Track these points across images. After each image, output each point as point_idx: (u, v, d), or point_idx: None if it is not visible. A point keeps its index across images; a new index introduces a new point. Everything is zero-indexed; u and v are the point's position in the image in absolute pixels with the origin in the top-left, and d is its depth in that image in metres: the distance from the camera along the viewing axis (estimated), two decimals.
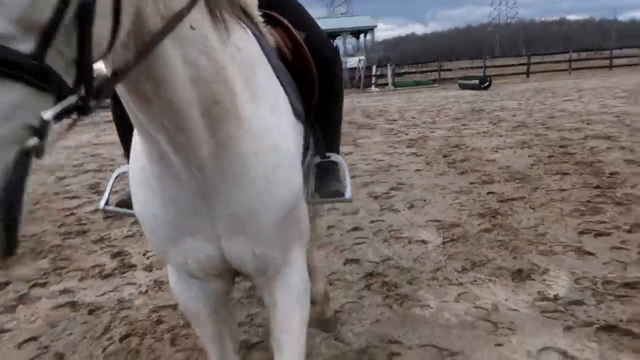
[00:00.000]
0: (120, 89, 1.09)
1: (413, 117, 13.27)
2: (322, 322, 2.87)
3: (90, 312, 3.35)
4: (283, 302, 1.56)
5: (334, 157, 1.89)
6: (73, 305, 3.48)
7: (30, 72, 0.69)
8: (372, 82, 27.70)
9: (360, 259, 3.89)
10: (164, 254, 1.53)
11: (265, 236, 1.41)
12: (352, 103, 18.62)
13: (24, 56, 0.68)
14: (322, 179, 1.87)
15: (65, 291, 3.73)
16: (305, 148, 1.67)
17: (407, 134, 10.29)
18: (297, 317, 1.58)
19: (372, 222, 4.80)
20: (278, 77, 1.49)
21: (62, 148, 10.50)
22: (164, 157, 1.27)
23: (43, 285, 3.86)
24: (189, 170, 1.27)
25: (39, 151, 0.72)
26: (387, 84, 27.11)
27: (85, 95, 0.79)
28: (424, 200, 5.38)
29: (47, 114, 0.71)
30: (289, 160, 1.42)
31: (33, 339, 3.05)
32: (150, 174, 1.36)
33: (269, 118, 1.38)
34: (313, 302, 2.90)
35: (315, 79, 1.73)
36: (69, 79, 0.76)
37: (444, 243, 4.11)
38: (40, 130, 0.71)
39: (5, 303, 3.58)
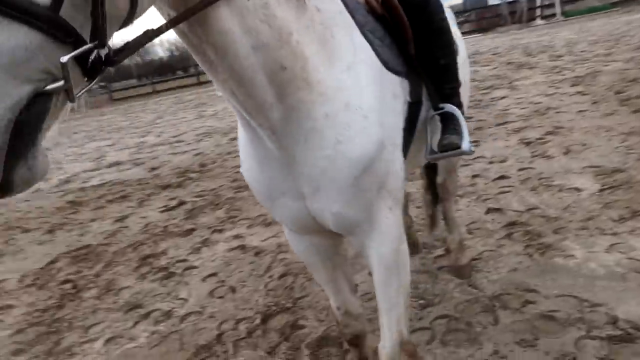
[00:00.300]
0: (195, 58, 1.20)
1: (583, 51, 11.77)
2: (456, 269, 2.98)
3: (256, 254, 3.93)
4: (376, 271, 1.58)
5: (447, 107, 1.76)
6: (243, 248, 4.10)
7: (45, 21, 0.74)
8: (537, 14, 24.89)
9: (504, 208, 3.82)
10: (269, 212, 1.64)
11: (340, 195, 1.41)
12: (512, 41, 17.11)
13: (41, 6, 0.73)
14: (440, 132, 1.78)
15: (237, 236, 4.40)
16: (416, 103, 1.66)
17: (574, 71, 9.24)
18: (393, 285, 1.58)
19: (520, 170, 4.61)
20: (364, 33, 1.48)
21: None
22: (249, 122, 1.37)
23: (220, 231, 4.60)
24: (265, 134, 1.35)
25: (65, 94, 0.80)
26: (554, 15, 24.13)
27: (98, 45, 0.83)
28: (584, 145, 4.93)
29: (64, 58, 0.77)
30: (363, 117, 1.38)
31: (214, 274, 3.71)
32: (245, 139, 1.50)
33: (343, 77, 1.37)
34: (447, 250, 3.04)
35: (407, 26, 1.64)
36: (86, 32, 0.82)
37: (601, 190, 3.80)
38: (59, 75, 0.77)
39: (193, 245, 4.37)
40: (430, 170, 3.06)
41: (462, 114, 1.79)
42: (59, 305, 3.71)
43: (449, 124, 1.74)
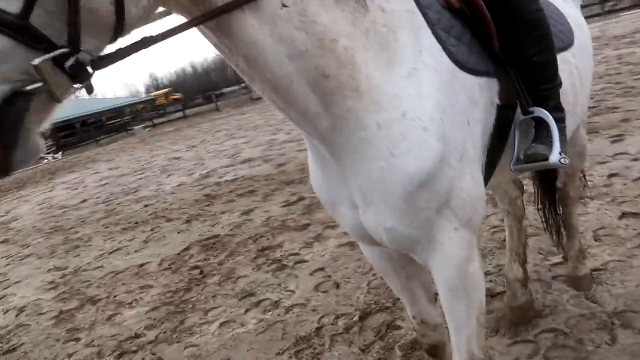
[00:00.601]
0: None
1: None
2: (573, 280, 2.69)
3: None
4: (440, 292, 1.47)
5: (537, 111, 1.52)
6: (351, 245, 4.16)
7: (14, 28, 0.82)
8: None
9: None
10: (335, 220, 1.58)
11: (393, 210, 1.31)
12: None
13: (10, 15, 0.82)
14: (529, 140, 1.56)
15: (347, 233, 4.47)
16: (508, 105, 1.50)
17: None
18: (461, 306, 1.46)
19: None
20: (436, 33, 1.36)
21: None
22: None
23: (332, 227, 4.72)
24: (317, 142, 1.31)
25: (49, 94, 0.90)
26: None
27: (73, 51, 0.90)
28: None
29: (35, 61, 0.85)
30: (421, 129, 1.27)
31: (321, 269, 3.84)
32: (309, 146, 1.47)
33: (401, 84, 1.27)
34: (565, 257, 2.75)
35: (488, 20, 1.45)
36: (62, 38, 0.89)
37: None
38: (35, 77, 0.87)
39: (306, 239, 4.56)
40: (545, 173, 2.69)
41: (562, 119, 1.58)
42: (187, 288, 4.14)
43: (541, 130, 1.53)
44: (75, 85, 0.94)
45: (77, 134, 34.24)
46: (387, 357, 2.56)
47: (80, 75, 0.93)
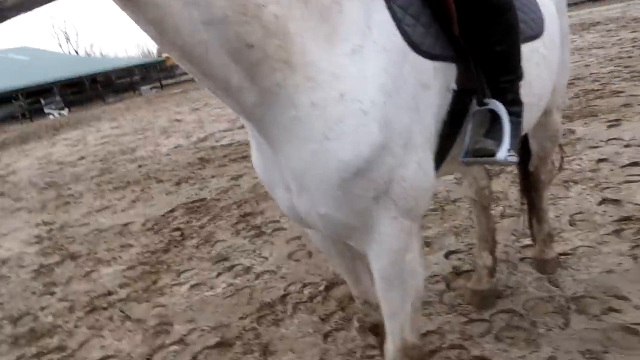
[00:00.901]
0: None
1: None
2: (539, 263, 2.66)
3: None
4: (376, 279, 1.42)
5: (492, 104, 1.43)
6: None
7: None
8: None
9: (622, 200, 3.28)
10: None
11: (327, 196, 1.23)
12: None
13: None
14: (480, 132, 1.46)
15: None
16: (465, 91, 1.41)
17: None
18: (395, 294, 1.42)
19: None
20: (391, 9, 1.26)
21: None
22: None
23: None
24: (243, 120, 1.24)
25: None
26: None
27: None
28: None
29: None
30: (361, 113, 1.17)
31: (297, 238, 3.83)
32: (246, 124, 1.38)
33: (343, 62, 1.17)
34: (534, 240, 2.72)
35: (448, 1, 1.35)
36: None
37: None
38: None
39: None
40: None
41: (519, 113, 1.48)
42: (165, 249, 4.17)
43: (495, 124, 1.44)
44: None
45: (85, 92, 34.15)
46: (344, 327, 2.57)
47: None
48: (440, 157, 1.45)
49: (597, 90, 6.30)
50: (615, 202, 3.29)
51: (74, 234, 5.10)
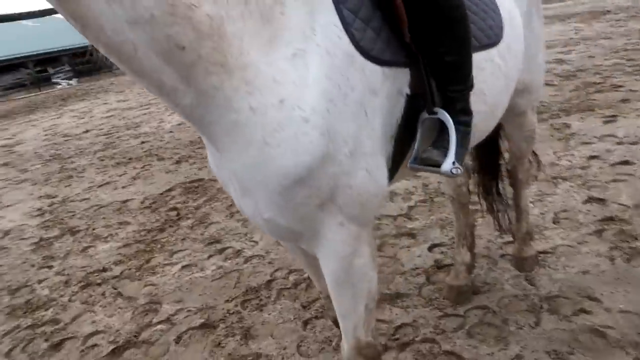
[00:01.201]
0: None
1: None
2: (517, 260, 2.71)
3: None
4: (327, 282, 1.42)
5: (440, 114, 1.41)
6: None
7: None
8: None
9: (608, 199, 3.32)
10: None
11: (270, 202, 1.23)
12: None
13: None
14: (428, 141, 1.45)
15: None
16: (416, 96, 1.39)
17: None
18: (346, 295, 1.42)
19: None
20: (340, 12, 1.22)
21: None
22: None
23: None
24: (183, 119, 1.24)
25: None
26: None
27: None
28: None
29: None
30: (302, 120, 1.14)
31: None
32: None
33: (283, 66, 1.14)
34: (514, 237, 2.77)
35: (398, 5, 1.31)
36: None
37: None
38: None
39: None
40: (487, 151, 2.58)
41: (468, 123, 1.46)
42: (161, 228, 4.27)
43: (443, 134, 1.42)
44: None
45: (94, 62, 34.06)
46: (324, 315, 2.65)
47: None
48: (397, 160, 1.44)
49: (598, 83, 6.25)
50: (601, 201, 3.33)
51: (75, 209, 5.22)
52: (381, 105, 1.30)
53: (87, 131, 10.08)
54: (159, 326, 2.83)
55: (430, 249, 3.15)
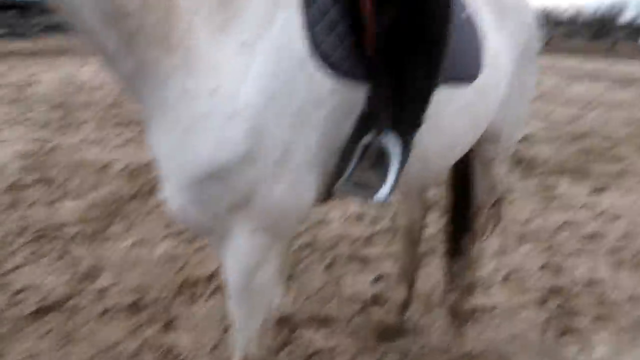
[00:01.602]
0: None
1: None
2: (452, 310, 2.68)
3: None
4: (227, 288, 1.41)
5: (389, 139, 1.32)
6: None
7: None
8: None
9: (564, 270, 3.27)
10: None
11: (182, 191, 1.19)
12: None
13: None
14: (368, 163, 1.35)
15: None
16: (370, 115, 1.29)
17: None
18: (242, 309, 1.40)
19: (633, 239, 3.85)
20: (305, 10, 1.15)
21: None
22: None
23: None
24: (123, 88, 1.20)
25: None
26: None
27: None
28: None
29: None
30: (230, 113, 1.09)
31: None
32: None
33: (228, 54, 1.09)
34: (456, 286, 2.71)
35: (368, 17, 1.20)
36: None
37: None
38: None
39: None
40: (460, 186, 2.44)
41: (408, 152, 1.37)
42: (133, 197, 4.30)
43: (383, 159, 1.32)
44: None
45: None
46: None
47: None
48: (336, 179, 1.37)
49: (601, 151, 6.17)
50: (556, 270, 3.29)
51: (60, 159, 5.27)
52: (325, 118, 1.22)
53: (101, 85, 10.18)
54: (89, 296, 2.85)
55: (377, 279, 3.14)
